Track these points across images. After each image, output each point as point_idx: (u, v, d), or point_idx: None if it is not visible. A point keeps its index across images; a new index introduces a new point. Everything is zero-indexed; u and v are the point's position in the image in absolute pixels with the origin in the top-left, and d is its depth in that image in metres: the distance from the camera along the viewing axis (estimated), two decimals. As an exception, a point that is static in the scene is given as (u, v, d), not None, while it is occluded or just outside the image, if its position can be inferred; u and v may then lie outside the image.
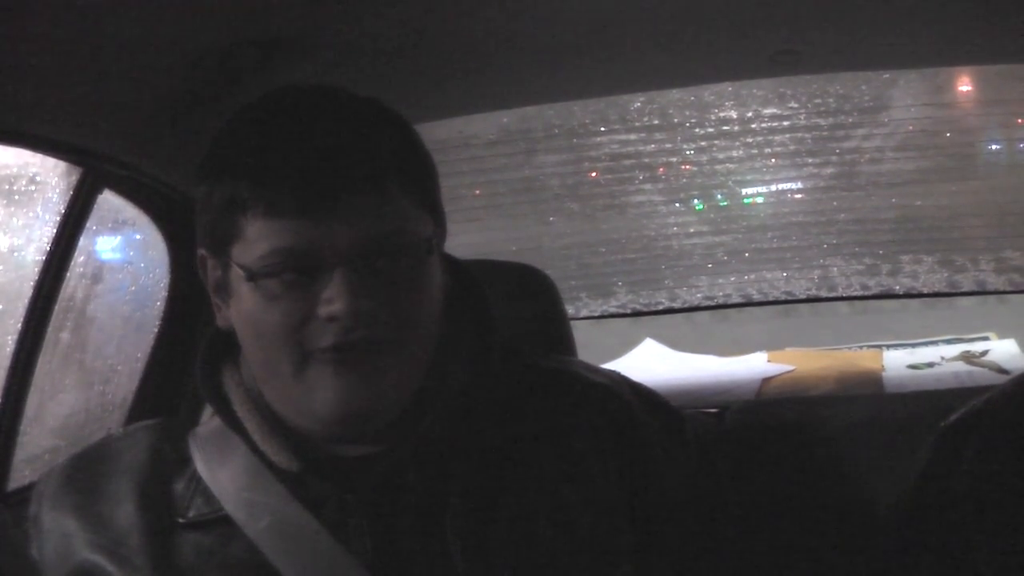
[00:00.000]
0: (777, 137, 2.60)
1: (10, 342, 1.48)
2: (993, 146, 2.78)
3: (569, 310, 1.85)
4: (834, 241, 2.68)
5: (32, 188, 1.60)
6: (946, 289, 2.67)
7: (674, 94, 2.50)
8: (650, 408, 1.19)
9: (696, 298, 2.78)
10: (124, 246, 1.84)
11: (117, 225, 1.77)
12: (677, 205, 2.78)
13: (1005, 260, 2.63)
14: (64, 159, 1.49)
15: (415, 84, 1.67)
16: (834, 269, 2.69)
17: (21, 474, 1.52)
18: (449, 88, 1.78)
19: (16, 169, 1.61)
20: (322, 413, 1.01)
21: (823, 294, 2.74)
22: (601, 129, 2.64)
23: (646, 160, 2.70)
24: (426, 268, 1.04)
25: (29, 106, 1.28)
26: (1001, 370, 2.20)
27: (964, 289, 2.68)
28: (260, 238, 0.99)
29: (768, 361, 2.40)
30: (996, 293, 2.71)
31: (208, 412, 1.15)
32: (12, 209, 1.62)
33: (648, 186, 2.74)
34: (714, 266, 2.75)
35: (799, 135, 2.59)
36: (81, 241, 1.54)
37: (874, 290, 2.68)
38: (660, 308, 2.79)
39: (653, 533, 1.12)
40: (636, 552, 1.10)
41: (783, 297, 2.76)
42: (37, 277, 1.49)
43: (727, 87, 2.48)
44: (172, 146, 1.56)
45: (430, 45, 1.55)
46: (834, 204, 2.68)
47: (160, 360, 1.76)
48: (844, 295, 2.75)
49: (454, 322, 1.11)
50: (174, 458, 1.11)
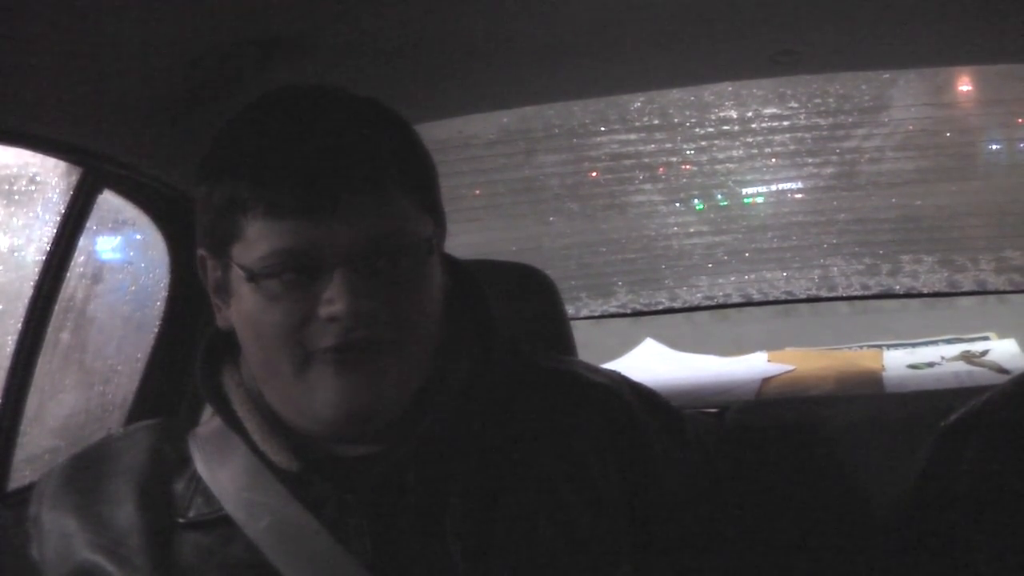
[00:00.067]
0: (777, 137, 2.60)
1: (10, 342, 1.48)
2: (993, 146, 2.78)
3: (569, 310, 1.85)
4: (834, 241, 2.68)
5: (32, 188, 1.60)
6: (946, 289, 2.67)
7: (674, 94, 2.50)
8: (650, 408, 1.19)
9: (696, 298, 2.78)
10: (124, 246, 1.84)
11: (117, 225, 1.77)
12: (677, 205, 2.78)
13: (1005, 260, 2.63)
14: (64, 159, 1.49)
15: (415, 84, 1.67)
16: (834, 269, 2.69)
17: (21, 474, 1.52)
18: (449, 88, 1.78)
19: (16, 169, 1.61)
20: (323, 413, 1.01)
21: (823, 294, 2.74)
22: (601, 129, 2.64)
23: (646, 160, 2.70)
24: (426, 268, 1.04)
25: (29, 106, 1.28)
26: (1001, 370, 2.19)
27: (964, 289, 2.68)
28: (260, 238, 0.99)
29: (768, 361, 2.39)
30: (996, 293, 2.71)
31: (208, 412, 1.15)
32: (12, 209, 1.62)
33: (648, 186, 2.74)
34: (714, 266, 2.75)
35: (799, 135, 2.59)
36: (81, 241, 1.54)
37: (874, 290, 2.68)
38: (660, 308, 2.79)
39: (653, 533, 1.12)
40: (636, 552, 1.10)
41: (783, 297, 2.76)
42: (37, 277, 1.49)
43: (727, 87, 2.48)
44: (172, 146, 1.56)
45: (430, 45, 1.55)
46: (834, 204, 2.68)
47: (160, 360, 1.76)
48: (844, 295, 2.75)
49: (454, 322, 1.10)
50: (174, 458, 1.11)
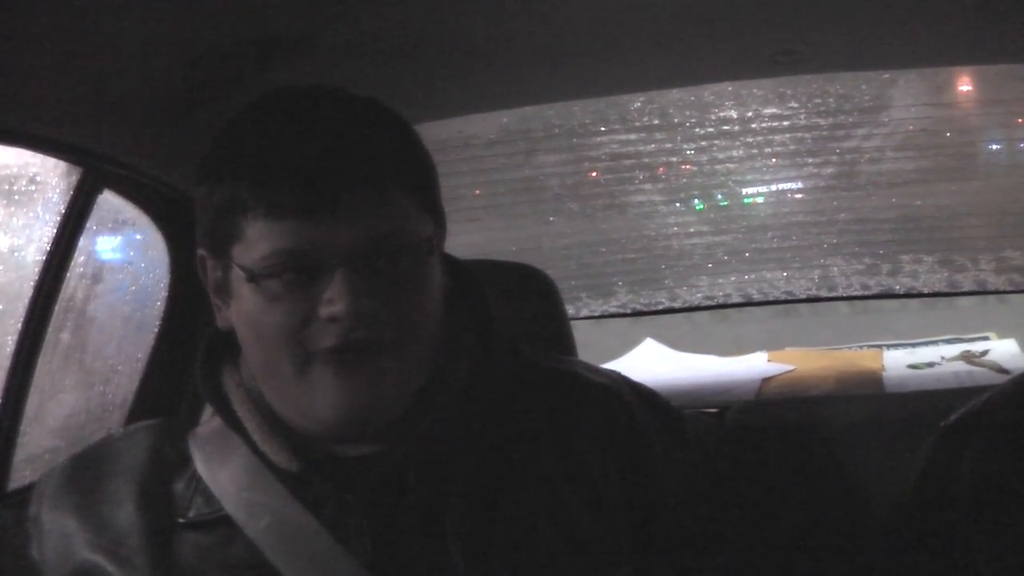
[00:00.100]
0: (777, 137, 2.60)
1: (10, 342, 1.48)
2: (993, 146, 2.78)
3: (569, 310, 1.85)
4: (834, 241, 2.68)
5: (32, 188, 1.60)
6: (946, 289, 2.67)
7: (674, 94, 2.50)
8: (650, 408, 1.19)
9: (696, 298, 2.78)
10: (124, 246, 1.84)
11: (117, 225, 1.77)
12: (677, 205, 2.78)
13: (1005, 260, 2.63)
14: (64, 159, 1.49)
15: (415, 84, 1.67)
16: (834, 269, 2.69)
17: (21, 474, 1.52)
18: (449, 88, 1.78)
19: (16, 169, 1.61)
20: (323, 414, 1.01)
21: (823, 294, 2.73)
22: (601, 129, 2.64)
23: (646, 160, 2.70)
24: (426, 268, 1.04)
25: (29, 106, 1.28)
26: (1001, 370, 2.20)
27: (964, 289, 2.68)
28: (261, 239, 0.99)
29: (768, 361, 2.40)
30: (996, 293, 2.71)
31: (208, 412, 1.15)
32: (12, 209, 1.62)
33: (648, 186, 2.74)
34: (714, 266, 2.75)
35: (799, 135, 2.59)
36: (81, 241, 1.54)
37: (874, 290, 2.68)
38: (660, 308, 2.79)
39: (653, 533, 1.12)
40: (636, 552, 1.10)
41: (783, 297, 2.76)
42: (37, 277, 1.49)
43: (727, 87, 2.48)
44: (172, 146, 1.55)
45: (430, 45, 1.55)
46: (834, 204, 2.68)
47: (160, 360, 1.76)
48: (844, 295, 2.75)
49: (454, 322, 1.10)
50: (174, 458, 1.11)
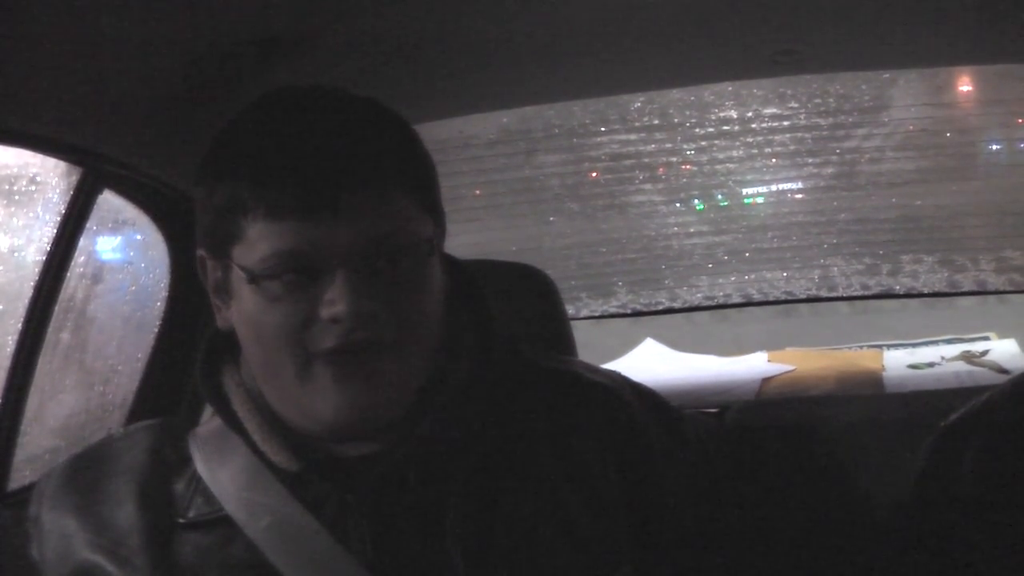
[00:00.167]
0: (777, 137, 2.60)
1: (10, 342, 1.48)
2: (993, 146, 2.78)
3: (569, 310, 1.85)
4: (834, 241, 2.68)
5: (32, 188, 1.60)
6: (946, 289, 2.67)
7: (674, 94, 2.50)
8: (650, 408, 1.19)
9: (696, 298, 2.78)
10: (124, 246, 1.84)
11: (117, 225, 1.77)
12: (677, 205, 2.78)
13: (1005, 260, 2.63)
14: (64, 159, 1.49)
15: (415, 84, 1.67)
16: (834, 269, 2.69)
17: (21, 474, 1.52)
18: (449, 88, 1.78)
19: (16, 169, 1.61)
20: (324, 415, 1.01)
21: (823, 294, 2.74)
22: (601, 129, 2.64)
23: (646, 160, 2.70)
24: (427, 269, 1.04)
25: (29, 106, 1.28)
26: (1001, 370, 2.20)
27: (964, 289, 2.68)
28: (261, 240, 0.99)
29: (768, 361, 2.40)
30: (996, 293, 2.71)
31: (208, 412, 1.15)
32: (12, 209, 1.62)
33: (648, 186, 2.75)
34: (714, 266, 2.75)
35: (799, 135, 2.59)
36: (81, 241, 1.54)
37: (874, 290, 2.68)
38: (660, 308, 2.79)
39: (653, 533, 1.12)
40: (636, 552, 1.10)
41: (783, 297, 2.76)
42: (37, 277, 1.49)
43: (727, 87, 2.48)
44: (172, 146, 1.55)
45: (430, 45, 1.55)
46: (834, 204, 2.68)
47: (160, 360, 1.76)
48: (844, 295, 2.75)
49: (454, 322, 1.10)
50: (174, 458, 1.10)
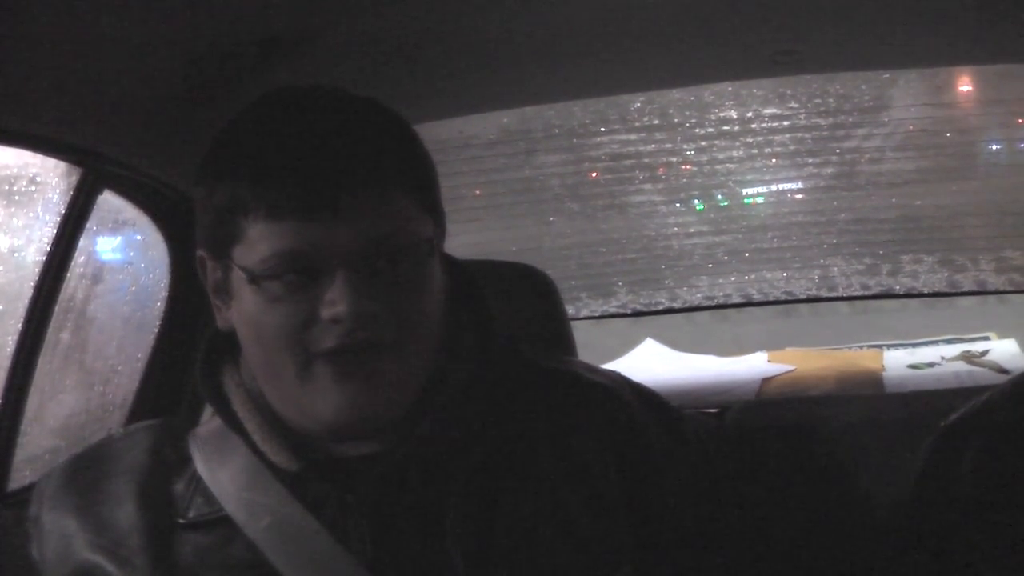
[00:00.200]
0: (777, 137, 2.60)
1: (10, 342, 1.48)
2: (993, 146, 2.78)
3: (569, 310, 1.85)
4: (834, 241, 2.69)
5: (32, 188, 1.60)
6: (946, 289, 2.67)
7: (674, 94, 2.50)
8: (650, 408, 1.19)
9: (696, 298, 2.78)
10: (124, 246, 1.84)
11: (117, 225, 1.77)
12: (677, 205, 2.78)
13: (1005, 260, 2.63)
14: (64, 159, 1.49)
15: (415, 84, 1.67)
16: (834, 269, 2.69)
17: (21, 474, 1.52)
18: (449, 88, 1.78)
19: (16, 169, 1.61)
20: (325, 415, 1.01)
21: (823, 294, 2.74)
22: (601, 129, 2.64)
23: (646, 160, 2.70)
24: (427, 269, 1.04)
25: (29, 106, 1.28)
26: (1001, 370, 2.20)
27: (964, 289, 2.68)
28: (262, 240, 0.99)
29: (768, 361, 2.40)
30: (996, 293, 2.72)
31: (208, 412, 1.15)
32: (12, 209, 1.62)
33: (648, 186, 2.75)
34: (714, 266, 2.75)
35: (799, 135, 2.59)
36: (81, 241, 1.54)
37: (874, 290, 2.68)
38: (660, 308, 2.79)
39: (653, 533, 1.12)
40: (636, 552, 1.10)
41: (783, 297, 2.76)
42: (37, 278, 1.49)
43: (727, 87, 2.48)
44: (172, 146, 1.56)
45: (430, 45, 1.56)
46: (834, 204, 2.68)
47: (160, 360, 1.76)
48: (844, 295, 2.75)
49: (454, 322, 1.10)
50: (174, 458, 1.10)
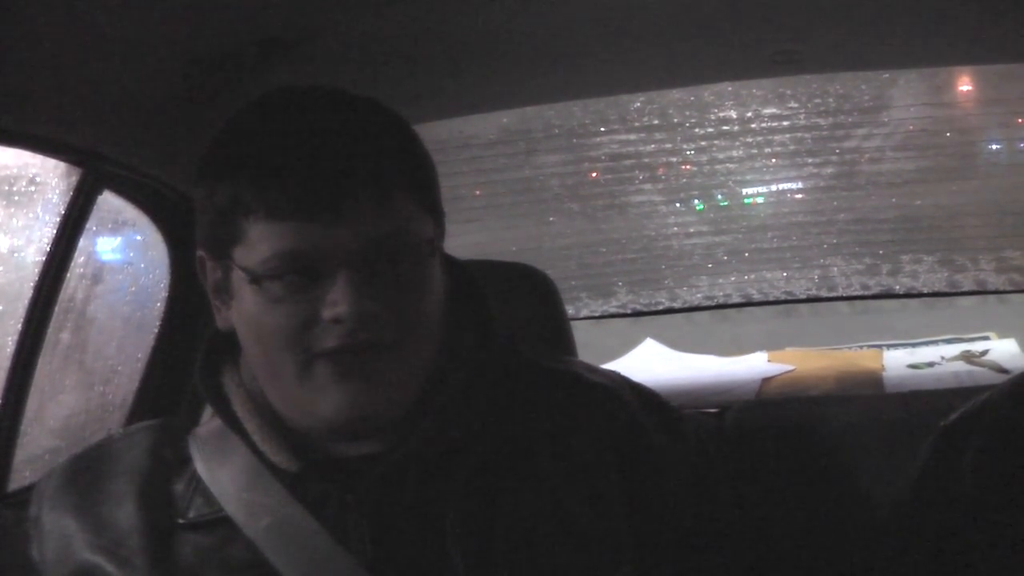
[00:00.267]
0: (777, 137, 2.60)
1: (10, 342, 1.48)
2: (993, 146, 2.78)
3: (569, 310, 1.85)
4: (834, 241, 2.69)
5: (32, 189, 1.60)
6: (946, 289, 2.67)
7: (674, 94, 2.50)
8: (650, 408, 1.19)
9: (696, 298, 2.78)
10: (124, 247, 1.84)
11: (117, 226, 1.77)
12: (677, 205, 2.78)
13: (1005, 260, 2.63)
14: (64, 159, 1.49)
15: (415, 84, 1.67)
16: (834, 269, 2.69)
17: (21, 475, 1.52)
18: (449, 88, 1.78)
19: (16, 170, 1.61)
20: (326, 415, 1.01)
21: (823, 294, 2.74)
22: (601, 129, 2.64)
23: (646, 160, 2.70)
24: (428, 269, 1.04)
25: (29, 106, 1.28)
26: (1001, 370, 2.20)
27: (964, 289, 2.68)
28: (262, 240, 0.99)
29: (768, 361, 2.39)
30: (996, 293, 2.71)
31: (208, 412, 1.15)
32: (12, 210, 1.62)
33: (648, 186, 2.75)
34: (714, 266, 2.75)
35: (799, 135, 2.59)
36: (81, 242, 1.54)
37: (874, 290, 2.68)
38: (660, 308, 2.79)
39: (653, 533, 1.12)
40: (636, 552, 1.10)
41: (783, 297, 2.76)
42: (37, 278, 1.49)
43: (727, 87, 2.48)
44: (172, 146, 1.56)
45: (430, 45, 1.56)
46: (834, 204, 2.68)
47: (160, 361, 1.76)
48: (844, 295, 2.75)
49: (454, 323, 1.10)
50: (174, 459, 1.10)
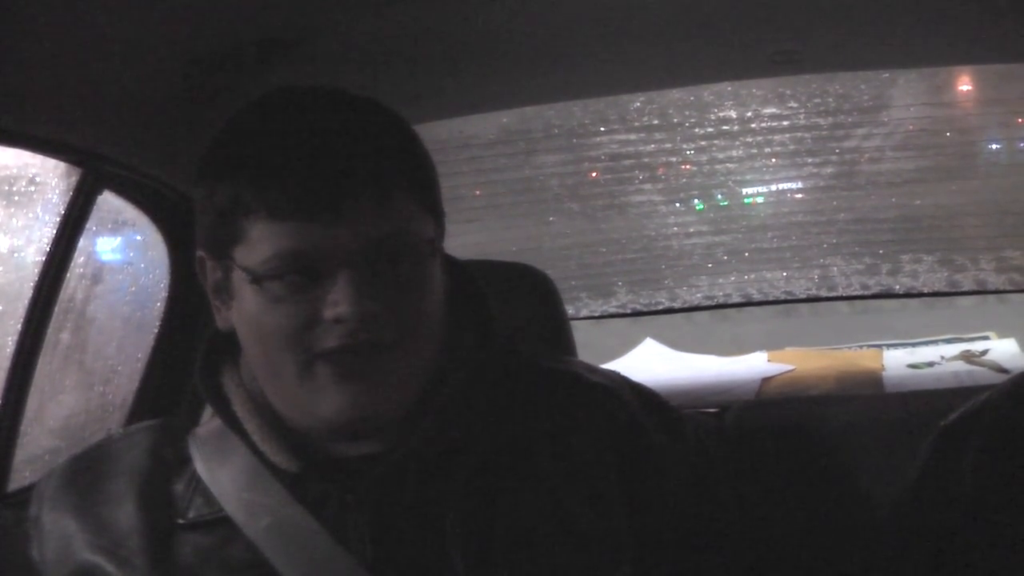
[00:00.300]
0: (777, 137, 2.60)
1: (10, 343, 1.48)
2: (993, 146, 2.78)
3: (569, 310, 1.85)
4: (834, 241, 2.68)
5: (32, 189, 1.60)
6: (946, 289, 2.67)
7: (674, 94, 2.50)
8: (650, 408, 1.19)
9: (696, 298, 2.78)
10: (124, 247, 1.84)
11: (117, 226, 1.77)
12: (677, 205, 2.78)
13: (1005, 260, 2.63)
14: (64, 159, 1.49)
15: (415, 84, 1.67)
16: (834, 269, 2.69)
17: (21, 475, 1.52)
18: (449, 88, 1.78)
19: (16, 170, 1.61)
20: (327, 415, 1.01)
21: (823, 294, 2.74)
22: (601, 129, 2.64)
23: (646, 160, 2.70)
24: (429, 269, 1.04)
25: (29, 106, 1.28)
26: (1001, 369, 2.20)
27: (964, 289, 2.68)
28: (263, 240, 0.99)
29: (768, 361, 2.40)
30: (996, 292, 2.71)
31: (208, 412, 1.15)
32: (12, 210, 1.62)
33: (648, 186, 2.75)
34: (714, 266, 2.75)
35: (799, 135, 2.59)
36: (81, 242, 1.54)
37: (874, 290, 2.68)
38: (660, 308, 2.79)
39: (653, 533, 1.12)
40: (636, 552, 1.10)
41: (783, 297, 2.76)
42: (37, 278, 1.49)
43: (727, 87, 2.48)
44: (172, 146, 1.56)
45: (430, 45, 1.56)
46: (834, 204, 2.68)
47: (160, 361, 1.76)
48: (844, 295, 2.75)
49: (454, 323, 1.10)
50: (174, 459, 1.10)
